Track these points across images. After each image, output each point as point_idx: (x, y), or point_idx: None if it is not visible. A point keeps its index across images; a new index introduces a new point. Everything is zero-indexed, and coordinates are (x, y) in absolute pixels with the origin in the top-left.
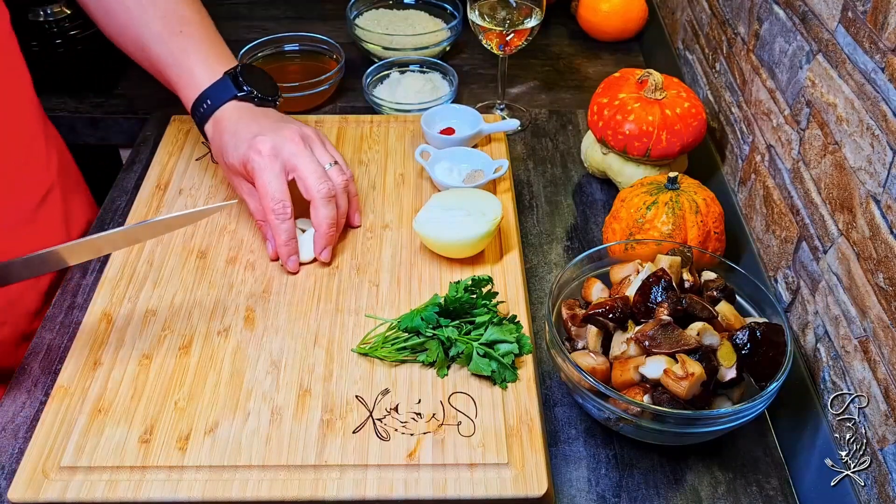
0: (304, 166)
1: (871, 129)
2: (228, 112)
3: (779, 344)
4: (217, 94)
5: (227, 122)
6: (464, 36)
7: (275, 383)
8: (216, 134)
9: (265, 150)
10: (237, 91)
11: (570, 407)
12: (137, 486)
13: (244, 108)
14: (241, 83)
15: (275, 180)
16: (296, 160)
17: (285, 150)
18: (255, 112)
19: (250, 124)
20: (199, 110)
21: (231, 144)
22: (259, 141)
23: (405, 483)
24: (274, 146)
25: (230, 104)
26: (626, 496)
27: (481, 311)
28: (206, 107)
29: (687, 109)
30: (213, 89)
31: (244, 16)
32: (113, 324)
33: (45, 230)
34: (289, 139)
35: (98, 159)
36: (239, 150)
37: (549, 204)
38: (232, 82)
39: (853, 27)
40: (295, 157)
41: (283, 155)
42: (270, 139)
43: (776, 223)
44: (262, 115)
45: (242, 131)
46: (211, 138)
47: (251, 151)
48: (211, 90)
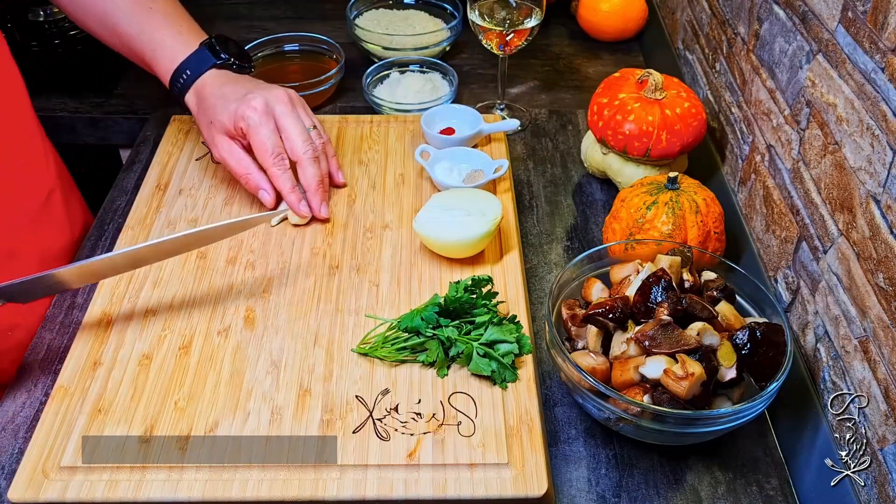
0: (292, 127)
1: (871, 129)
2: (210, 79)
3: (779, 344)
4: (196, 65)
5: (211, 88)
6: (464, 36)
7: (275, 383)
8: (200, 101)
9: (259, 107)
10: (215, 59)
11: (570, 407)
12: (137, 486)
13: (225, 75)
14: (217, 52)
15: (271, 135)
16: (285, 120)
17: (277, 109)
18: (236, 77)
19: (237, 87)
20: (178, 82)
21: (220, 105)
22: (252, 97)
23: (405, 483)
24: (267, 103)
25: (210, 72)
26: (626, 496)
27: (481, 311)
28: (185, 77)
29: (687, 109)
30: (192, 60)
31: (244, 16)
32: (113, 324)
33: (50, 231)
34: (280, 99)
35: (98, 159)
36: (229, 108)
37: (549, 204)
38: (209, 51)
39: (853, 27)
40: (284, 117)
41: (274, 112)
42: (262, 96)
43: (776, 223)
44: (244, 80)
45: (230, 93)
46: (194, 106)
47: (245, 107)
48: (189, 61)
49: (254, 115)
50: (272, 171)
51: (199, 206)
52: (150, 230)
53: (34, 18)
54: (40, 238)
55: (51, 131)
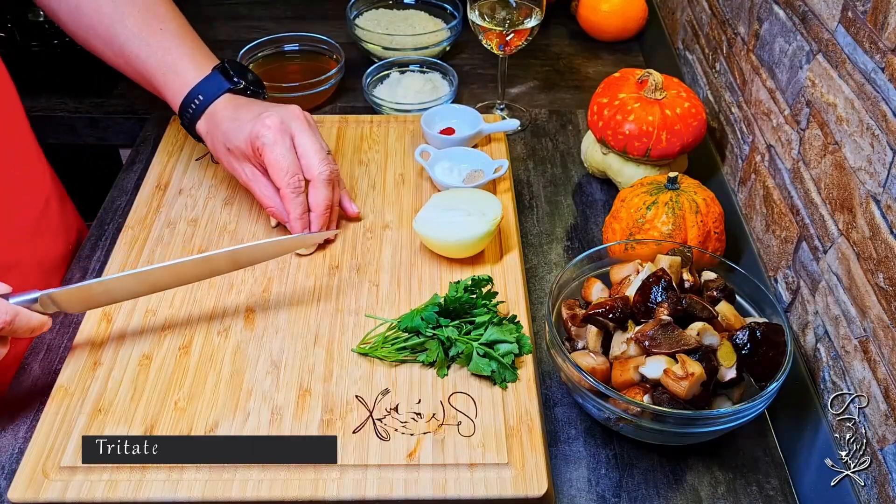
0: (309, 145)
1: (871, 129)
2: (223, 104)
3: (779, 344)
4: (209, 89)
5: (225, 112)
6: (464, 36)
7: (275, 383)
8: (213, 127)
9: (273, 125)
10: (229, 84)
11: (570, 407)
12: (137, 486)
13: (238, 99)
14: (231, 76)
15: (288, 154)
16: (301, 137)
17: (293, 126)
18: (249, 100)
19: (250, 108)
20: (189, 107)
21: (234, 129)
22: (266, 116)
23: (405, 483)
24: (282, 120)
25: (222, 98)
26: (626, 496)
27: (481, 311)
28: (198, 102)
29: (687, 109)
30: (204, 84)
31: (244, 16)
32: (113, 324)
33: (48, 239)
34: (296, 116)
35: (98, 159)
36: (244, 129)
37: (549, 204)
38: (223, 76)
39: (853, 27)
40: (301, 134)
41: (290, 130)
42: (277, 114)
43: (776, 223)
44: (257, 103)
45: (244, 115)
46: (207, 132)
47: (259, 126)
48: (201, 85)
49: (268, 133)
50: (284, 191)
51: (199, 206)
52: (150, 230)
53: (34, 18)
54: (39, 247)
55: (51, 131)
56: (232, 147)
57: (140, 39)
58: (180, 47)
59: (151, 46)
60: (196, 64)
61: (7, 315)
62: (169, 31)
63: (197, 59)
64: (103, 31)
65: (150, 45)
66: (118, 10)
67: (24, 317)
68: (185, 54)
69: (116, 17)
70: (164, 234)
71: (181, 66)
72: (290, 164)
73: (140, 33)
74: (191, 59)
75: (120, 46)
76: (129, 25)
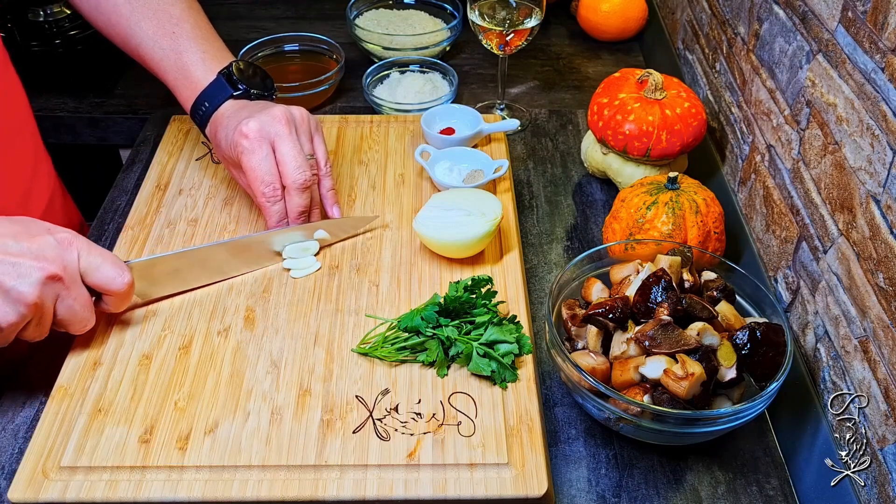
0: (287, 151)
1: (871, 129)
2: (227, 109)
3: (779, 344)
4: (213, 96)
5: (223, 119)
6: (464, 36)
7: (275, 383)
8: (213, 135)
9: (251, 133)
10: (232, 90)
11: (570, 407)
12: (137, 486)
13: (240, 104)
14: (235, 82)
15: (263, 163)
16: (280, 141)
17: (272, 131)
18: (253, 104)
19: (239, 114)
20: (198, 112)
21: (222, 136)
22: (244, 124)
23: (405, 483)
24: (261, 127)
25: (227, 103)
26: (626, 496)
27: (481, 311)
28: (204, 108)
29: (687, 109)
30: (209, 91)
31: (244, 16)
32: (113, 324)
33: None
34: (276, 119)
35: (98, 159)
36: (228, 138)
37: (549, 204)
38: (226, 82)
39: (853, 27)
40: (280, 139)
41: (269, 135)
42: (257, 120)
43: (776, 223)
44: (253, 105)
45: (232, 121)
46: (213, 137)
47: (238, 135)
48: (207, 91)
49: (245, 143)
50: (259, 200)
51: (200, 206)
52: (150, 230)
53: (34, 18)
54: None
55: (51, 131)
56: (223, 156)
57: (154, 42)
58: (191, 50)
59: (164, 49)
60: (206, 68)
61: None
62: (182, 32)
63: (207, 63)
64: (121, 31)
65: (164, 48)
66: (134, 11)
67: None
68: (196, 59)
69: (133, 18)
70: (164, 234)
71: (191, 70)
72: (265, 173)
73: (154, 35)
74: (201, 63)
75: (136, 47)
76: (144, 27)
